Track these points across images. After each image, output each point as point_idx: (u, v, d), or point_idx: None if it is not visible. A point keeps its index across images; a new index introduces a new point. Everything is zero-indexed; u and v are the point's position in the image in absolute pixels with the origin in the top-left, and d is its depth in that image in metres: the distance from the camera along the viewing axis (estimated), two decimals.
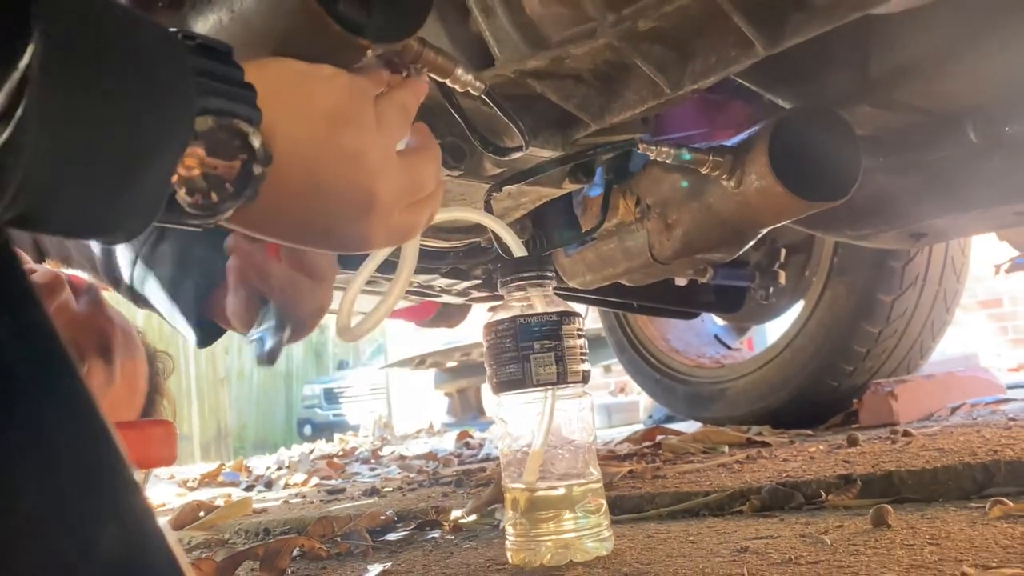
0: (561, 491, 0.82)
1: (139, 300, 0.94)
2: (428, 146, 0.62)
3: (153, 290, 0.90)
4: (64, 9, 0.36)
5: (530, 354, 0.81)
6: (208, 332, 0.93)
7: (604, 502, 0.85)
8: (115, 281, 0.95)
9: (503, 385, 0.84)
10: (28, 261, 0.94)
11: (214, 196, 0.45)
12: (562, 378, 0.81)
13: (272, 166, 0.48)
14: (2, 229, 0.29)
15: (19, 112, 0.32)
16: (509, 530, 0.87)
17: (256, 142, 0.46)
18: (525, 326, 0.82)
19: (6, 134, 0.32)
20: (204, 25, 0.66)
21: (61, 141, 0.36)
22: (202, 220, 0.47)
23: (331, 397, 10.77)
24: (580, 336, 0.84)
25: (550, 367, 0.80)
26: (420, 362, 6.28)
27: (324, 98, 0.52)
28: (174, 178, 0.43)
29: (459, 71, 0.75)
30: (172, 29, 0.44)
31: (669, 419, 2.91)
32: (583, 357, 0.84)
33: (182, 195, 0.44)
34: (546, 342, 0.81)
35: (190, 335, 0.92)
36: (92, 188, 0.39)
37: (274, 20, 0.63)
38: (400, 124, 0.58)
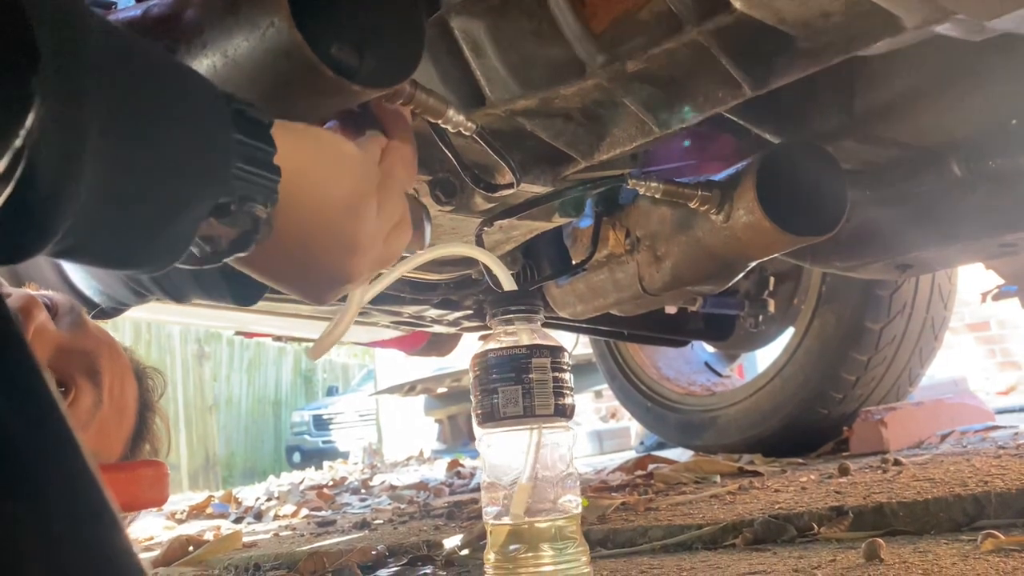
0: (536, 526, 0.81)
1: (170, 289, 0.90)
2: (407, 220, 0.66)
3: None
4: (121, 64, 0.40)
5: (499, 387, 0.80)
6: (245, 285, 0.84)
7: (581, 537, 0.84)
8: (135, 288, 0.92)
9: (480, 418, 0.83)
10: (4, 285, 0.93)
11: (209, 249, 0.50)
12: (529, 412, 0.79)
13: (271, 235, 0.52)
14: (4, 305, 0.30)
15: (19, 172, 0.34)
16: (488, 560, 0.86)
17: (263, 218, 0.50)
18: (494, 360, 0.81)
19: (8, 191, 0.35)
20: (198, 68, 0.67)
21: (109, 190, 0.40)
22: (192, 265, 0.51)
23: (320, 424, 10.69)
24: (558, 369, 0.83)
25: (516, 401, 0.79)
26: (410, 388, 6.26)
27: (340, 187, 0.57)
28: None
29: (450, 112, 0.76)
30: (222, 92, 0.48)
31: (660, 446, 2.90)
32: (560, 391, 0.82)
33: None
34: (515, 375, 0.80)
35: (225, 297, 0.85)
36: (129, 233, 0.44)
37: (267, 65, 0.63)
38: (397, 212, 0.63)
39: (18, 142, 0.32)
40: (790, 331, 2.01)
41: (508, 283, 0.89)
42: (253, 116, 0.49)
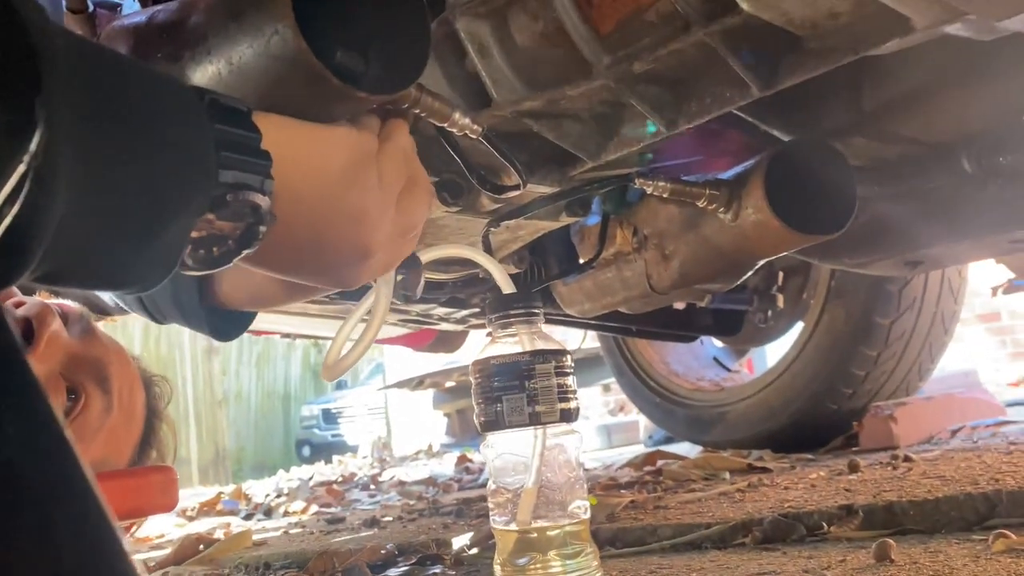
0: (544, 532, 0.80)
1: (152, 311, 0.83)
2: (419, 183, 0.64)
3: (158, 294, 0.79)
4: (88, 76, 0.38)
5: (503, 395, 0.80)
6: (226, 320, 0.81)
7: (590, 542, 0.84)
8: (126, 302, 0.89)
9: (483, 425, 0.83)
10: (16, 294, 0.93)
11: (216, 251, 0.48)
12: (535, 419, 0.79)
13: (277, 222, 0.50)
14: (4, 320, 0.29)
15: (24, 192, 0.33)
16: (497, 570, 0.86)
17: (264, 206, 0.48)
18: (498, 368, 0.81)
19: (14, 210, 0.33)
20: (203, 76, 0.66)
21: (88, 207, 0.38)
22: (203, 270, 0.49)
23: (329, 417, 10.73)
24: (562, 374, 0.82)
25: (522, 409, 0.79)
26: (419, 383, 6.27)
27: (333, 162, 0.55)
28: None
29: (456, 115, 0.75)
30: (192, 87, 0.47)
31: (669, 440, 2.90)
32: (564, 396, 0.81)
33: (188, 252, 0.47)
34: (518, 383, 0.79)
35: (203, 328, 0.81)
36: (115, 250, 0.41)
37: (272, 72, 0.63)
38: (399, 177, 0.60)
39: (22, 167, 0.31)
40: (799, 326, 2.00)
41: (507, 286, 0.88)
42: (230, 105, 0.48)
